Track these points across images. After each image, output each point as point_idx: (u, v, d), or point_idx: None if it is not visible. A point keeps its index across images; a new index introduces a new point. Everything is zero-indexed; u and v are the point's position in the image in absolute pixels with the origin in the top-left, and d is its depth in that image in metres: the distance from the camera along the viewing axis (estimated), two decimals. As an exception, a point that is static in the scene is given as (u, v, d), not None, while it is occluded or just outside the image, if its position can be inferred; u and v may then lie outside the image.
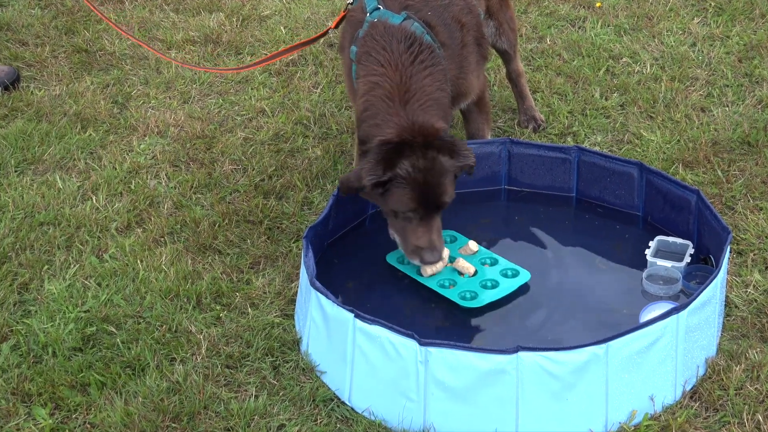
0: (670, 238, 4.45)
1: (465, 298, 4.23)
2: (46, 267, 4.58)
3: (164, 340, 4.19)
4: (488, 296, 4.24)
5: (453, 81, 4.47)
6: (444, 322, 4.22)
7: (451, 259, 4.39)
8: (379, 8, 4.46)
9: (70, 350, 4.17)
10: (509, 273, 4.35)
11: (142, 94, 5.82)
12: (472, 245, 4.46)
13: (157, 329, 4.24)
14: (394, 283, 4.43)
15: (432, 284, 4.30)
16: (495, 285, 4.29)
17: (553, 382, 3.68)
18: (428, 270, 4.33)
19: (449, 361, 3.69)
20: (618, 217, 4.72)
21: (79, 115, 5.61)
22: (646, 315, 4.11)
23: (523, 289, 4.31)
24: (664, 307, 4.10)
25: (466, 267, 4.36)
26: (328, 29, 4.92)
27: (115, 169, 5.19)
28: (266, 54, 6.10)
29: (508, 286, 4.29)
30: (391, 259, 4.44)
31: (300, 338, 4.16)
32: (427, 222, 4.19)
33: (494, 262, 4.42)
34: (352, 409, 3.89)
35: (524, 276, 4.33)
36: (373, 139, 4.17)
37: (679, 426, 3.75)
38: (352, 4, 4.71)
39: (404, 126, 4.13)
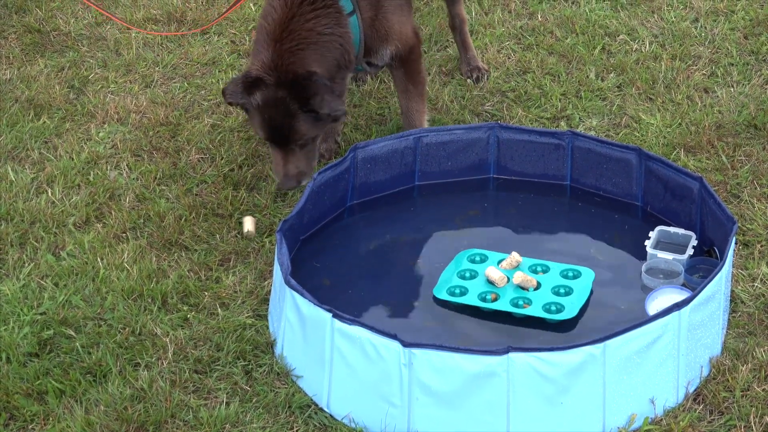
0: (672, 229, 4.49)
1: (551, 311, 4.18)
2: (-1, 266, 4.60)
3: (127, 343, 4.21)
4: (576, 303, 4.20)
5: (368, 23, 4.82)
6: (429, 322, 4.24)
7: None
8: None
9: (26, 356, 4.18)
10: (570, 274, 4.35)
11: (101, 78, 5.83)
12: (516, 256, 4.42)
13: (120, 332, 4.25)
14: (374, 280, 4.45)
15: (505, 307, 4.22)
16: (568, 290, 4.27)
17: (547, 385, 3.71)
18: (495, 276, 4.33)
19: (435, 364, 3.72)
20: (615, 206, 4.76)
21: (32, 101, 5.61)
22: (651, 302, 4.15)
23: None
24: (670, 292, 4.16)
25: (528, 280, 4.31)
26: None
27: (72, 159, 5.20)
28: (235, 33, 6.11)
29: (583, 287, 4.28)
30: (440, 293, 4.32)
31: (274, 340, 4.18)
32: (282, 152, 4.72)
33: (546, 269, 4.40)
34: (331, 416, 3.92)
35: (589, 274, 4.34)
36: (248, 68, 4.75)
37: (682, 430, 3.78)
38: None
39: (267, 63, 4.63)
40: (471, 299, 4.26)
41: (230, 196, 4.92)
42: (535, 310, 4.19)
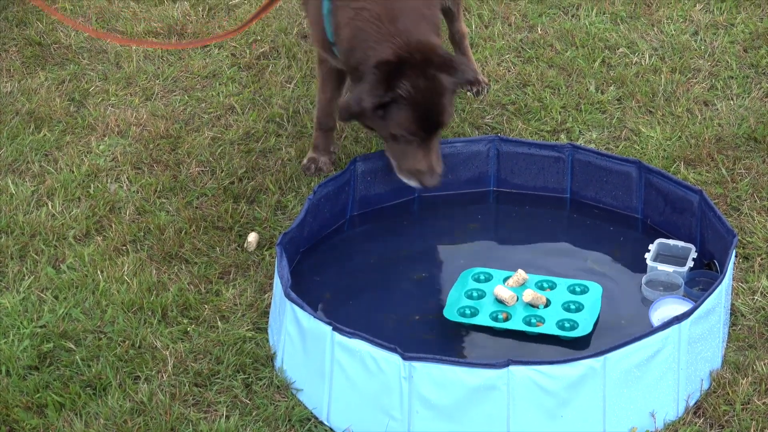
0: (672, 242, 4.50)
1: (566, 328, 4.16)
2: (-1, 279, 4.60)
3: (127, 356, 4.21)
4: (589, 319, 4.18)
5: None
6: (429, 335, 4.24)
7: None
8: None
9: (25, 369, 4.18)
10: (578, 289, 4.33)
11: (101, 91, 5.83)
12: (522, 273, 4.39)
13: (120, 345, 4.25)
14: (374, 293, 4.46)
15: (519, 326, 4.20)
16: (579, 306, 4.25)
17: (547, 399, 3.71)
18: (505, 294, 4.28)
19: (435, 377, 3.72)
20: (615, 219, 4.76)
21: (33, 113, 5.61)
22: (655, 312, 4.17)
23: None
24: (674, 302, 4.18)
25: (538, 298, 4.28)
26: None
27: (73, 172, 5.20)
28: (235, 45, 6.12)
29: (593, 302, 4.26)
30: (451, 314, 4.27)
31: (274, 353, 4.18)
32: (426, 144, 4.37)
33: (553, 285, 4.37)
34: (331, 429, 3.92)
35: (596, 289, 4.32)
36: (367, 61, 4.31)
37: (682, 444, 3.80)
38: None
39: (400, 44, 4.27)
40: (483, 319, 4.24)
41: (230, 209, 4.92)
42: (549, 328, 4.18)
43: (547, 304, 4.28)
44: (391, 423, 3.79)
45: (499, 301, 4.30)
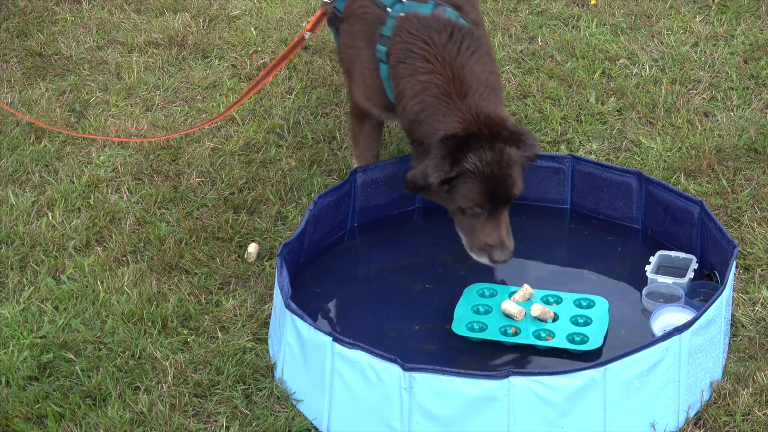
0: (673, 253, 4.49)
1: (576, 341, 4.14)
2: (-1, 289, 4.60)
3: (127, 367, 4.21)
4: (599, 333, 4.16)
5: (492, 57, 4.56)
6: (429, 345, 4.24)
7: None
8: (401, 1, 4.49)
9: (25, 379, 4.17)
10: (585, 304, 4.31)
11: (102, 102, 5.84)
12: (528, 288, 4.38)
13: (120, 356, 4.25)
14: (375, 303, 4.45)
15: (529, 340, 4.18)
16: (587, 320, 4.23)
17: (547, 409, 3.70)
18: (513, 308, 4.26)
19: (435, 388, 3.72)
20: (615, 230, 4.76)
21: (33, 124, 5.62)
22: (656, 321, 4.17)
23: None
24: (675, 310, 4.18)
25: (546, 312, 4.26)
26: (303, 33, 4.90)
27: (73, 182, 5.21)
28: (236, 57, 6.13)
29: (601, 315, 4.24)
30: (460, 328, 4.24)
31: (274, 364, 4.18)
32: (495, 218, 4.29)
33: (559, 300, 4.36)
34: (331, 440, 3.92)
35: (603, 303, 4.30)
36: (433, 135, 4.28)
37: (683, 455, 3.79)
38: (331, 3, 4.75)
39: (469, 119, 4.24)
40: (492, 334, 4.23)
41: (231, 219, 4.92)
42: (559, 342, 4.16)
43: (555, 318, 4.27)
44: (392, 434, 3.79)
45: (507, 316, 4.28)
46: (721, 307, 3.99)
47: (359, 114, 4.85)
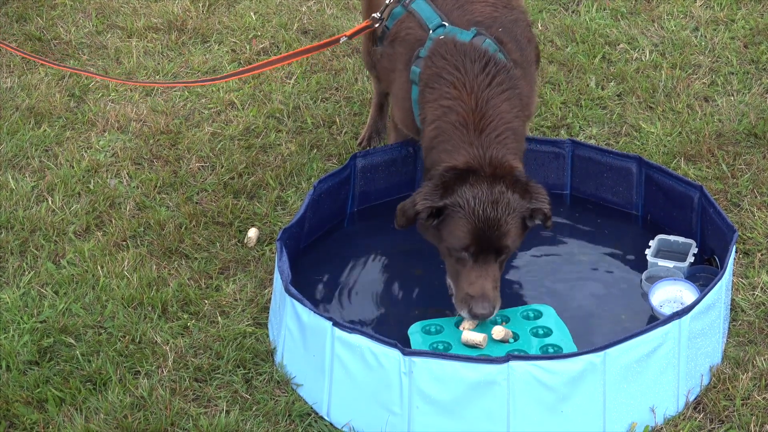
0: (672, 237, 4.50)
1: (551, 353, 4.00)
2: (-1, 274, 4.61)
3: (127, 351, 4.21)
4: (566, 339, 4.05)
5: (524, 102, 4.31)
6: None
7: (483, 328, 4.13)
8: (444, 25, 4.35)
9: (26, 364, 4.18)
10: (531, 315, 4.19)
11: (101, 87, 5.83)
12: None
13: (120, 340, 4.26)
14: (374, 288, 4.46)
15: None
16: (547, 331, 4.10)
17: (547, 394, 3.71)
18: (467, 326, 4.05)
19: (435, 372, 3.72)
20: (615, 215, 4.77)
21: (33, 109, 5.62)
22: (653, 295, 4.19)
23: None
24: (673, 284, 4.20)
25: (507, 332, 4.07)
26: (340, 37, 4.73)
27: (73, 167, 5.21)
28: (235, 41, 6.12)
29: (555, 322, 4.13)
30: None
31: (274, 348, 4.19)
32: (482, 266, 3.98)
33: (506, 318, 4.17)
34: (331, 424, 3.92)
35: (548, 310, 4.19)
36: (439, 164, 4.08)
37: (682, 439, 3.80)
38: (382, 21, 4.57)
39: (475, 155, 4.01)
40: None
41: (230, 204, 4.92)
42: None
43: (516, 337, 4.10)
44: (391, 418, 3.80)
45: (472, 347, 4.04)
46: (720, 292, 3.99)
47: (399, 129, 4.72)
